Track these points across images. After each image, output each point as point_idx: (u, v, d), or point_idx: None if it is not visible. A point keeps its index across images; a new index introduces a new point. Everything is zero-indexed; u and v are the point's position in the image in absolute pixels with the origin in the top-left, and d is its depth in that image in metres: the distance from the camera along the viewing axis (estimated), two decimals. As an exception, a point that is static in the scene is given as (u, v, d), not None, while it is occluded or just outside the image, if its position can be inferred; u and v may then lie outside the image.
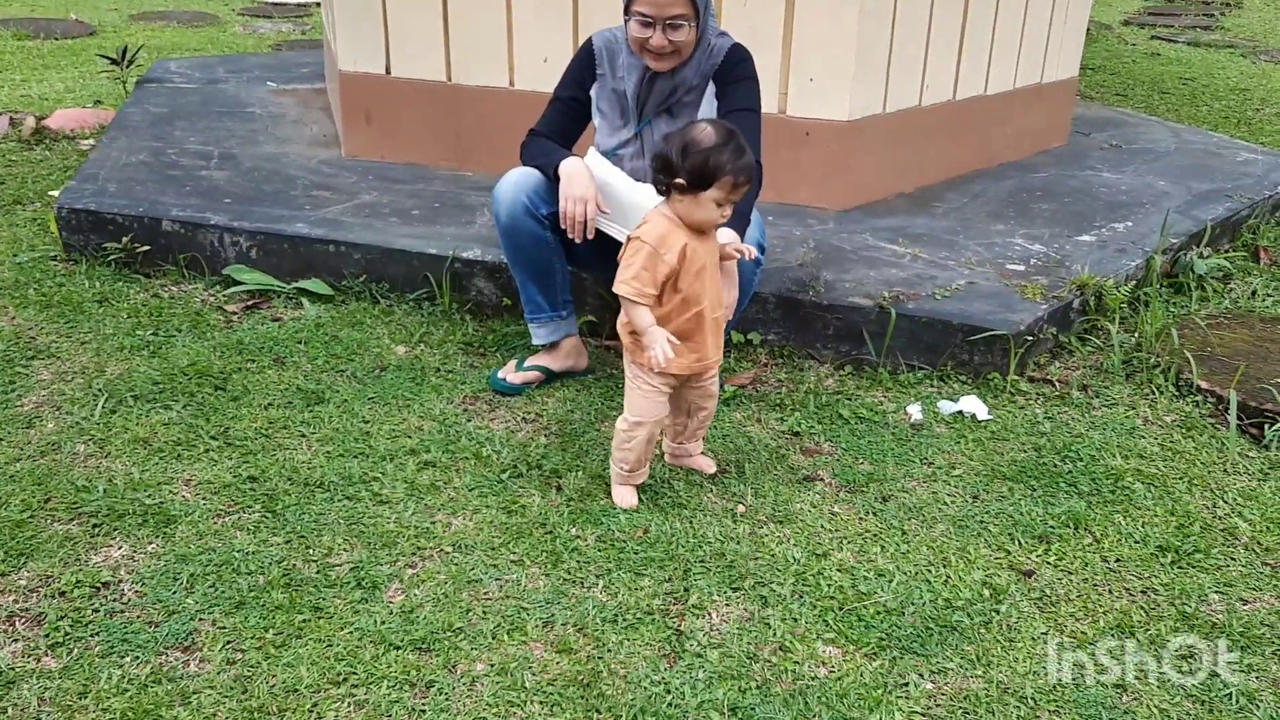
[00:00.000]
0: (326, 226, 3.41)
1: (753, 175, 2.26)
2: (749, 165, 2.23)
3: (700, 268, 2.30)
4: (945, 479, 2.62)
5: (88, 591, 2.05)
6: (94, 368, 2.85)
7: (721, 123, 2.26)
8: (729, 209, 2.26)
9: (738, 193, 2.25)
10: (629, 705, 1.89)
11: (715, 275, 2.35)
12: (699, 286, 2.30)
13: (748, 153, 2.23)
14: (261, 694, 1.85)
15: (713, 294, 2.34)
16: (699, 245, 2.30)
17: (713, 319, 2.35)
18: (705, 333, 2.35)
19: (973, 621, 2.14)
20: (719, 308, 2.38)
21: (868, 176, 3.97)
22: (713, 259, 2.34)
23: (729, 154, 2.20)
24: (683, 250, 2.26)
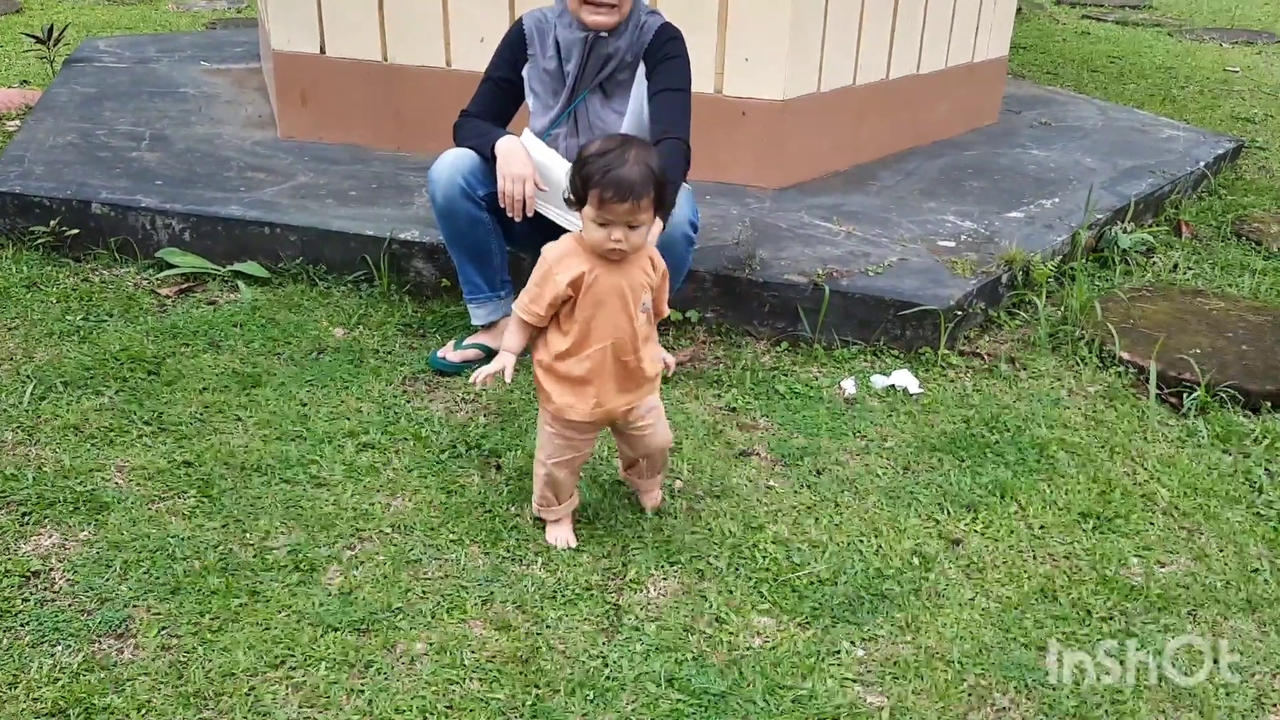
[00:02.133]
0: (262, 208, 3.37)
1: (631, 190, 1.94)
2: (624, 180, 1.94)
3: (601, 300, 2.05)
4: (878, 451, 2.68)
5: (17, 581, 2.03)
6: (22, 354, 2.80)
7: (620, 135, 2.08)
8: (619, 233, 1.98)
9: (612, 210, 1.96)
10: (567, 680, 1.92)
11: (627, 312, 2.08)
12: (599, 322, 2.06)
13: (632, 166, 1.95)
14: (197, 679, 1.85)
15: (622, 333, 2.08)
16: (605, 274, 2.05)
17: (620, 361, 2.11)
18: (607, 376, 2.10)
19: (903, 589, 2.20)
20: (633, 351, 2.11)
21: (803, 155, 4.01)
22: (627, 293, 2.07)
23: (601, 164, 1.96)
24: (579, 276, 2.03)
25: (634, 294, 2.08)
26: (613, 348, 2.08)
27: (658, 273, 2.17)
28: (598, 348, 2.07)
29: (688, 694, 1.90)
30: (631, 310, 2.08)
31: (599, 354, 2.08)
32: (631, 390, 2.16)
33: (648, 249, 2.13)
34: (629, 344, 2.10)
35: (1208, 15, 10.22)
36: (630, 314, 2.08)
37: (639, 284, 2.10)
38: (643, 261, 2.13)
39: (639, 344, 2.12)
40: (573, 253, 2.07)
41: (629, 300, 2.07)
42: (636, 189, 1.96)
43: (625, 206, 1.96)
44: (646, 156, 1.99)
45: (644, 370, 2.16)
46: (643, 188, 1.96)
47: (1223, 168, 4.91)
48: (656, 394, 2.25)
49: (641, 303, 2.11)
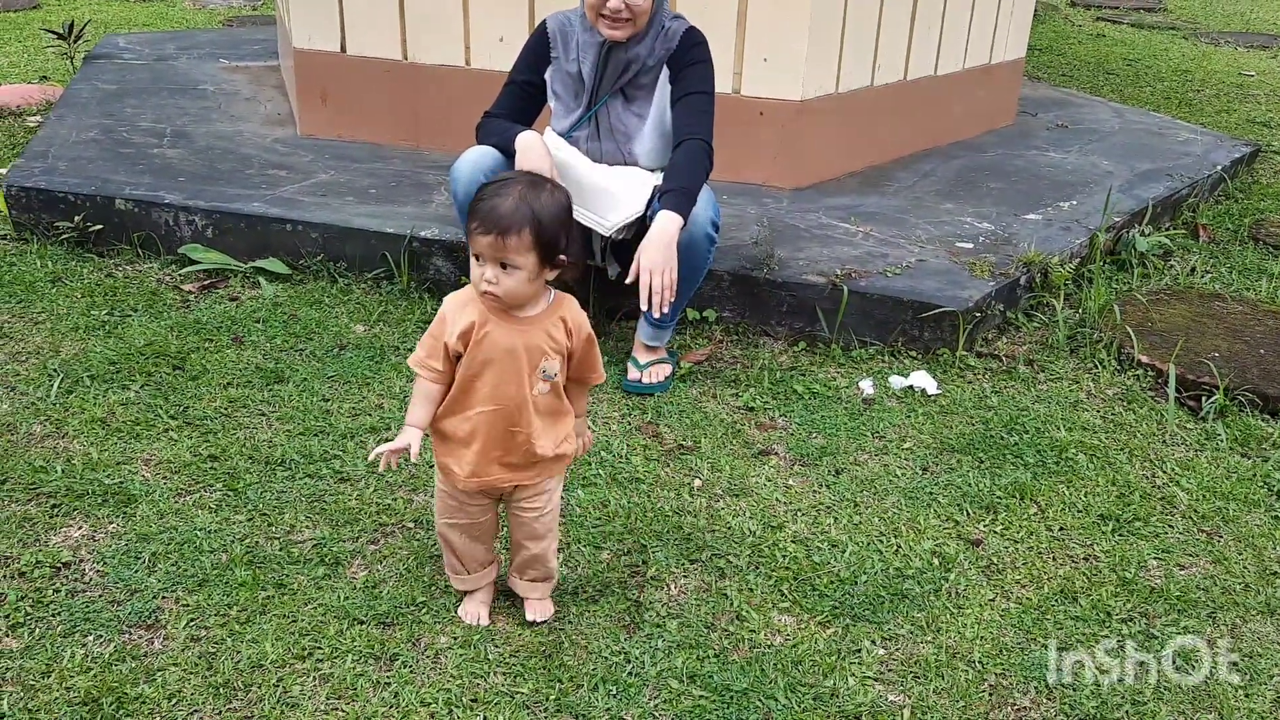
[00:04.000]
0: (283, 206, 3.40)
1: (497, 223, 1.72)
2: (493, 211, 1.73)
3: (487, 359, 1.81)
4: (896, 452, 2.69)
5: (48, 572, 2.06)
6: (49, 348, 2.83)
7: (529, 174, 1.86)
8: (491, 271, 1.75)
9: (478, 243, 1.75)
10: (590, 675, 1.93)
11: (518, 378, 1.82)
12: (484, 383, 1.82)
13: (510, 200, 1.74)
14: (227, 669, 1.87)
15: (507, 400, 1.82)
16: (497, 330, 1.80)
17: (507, 431, 1.85)
18: (491, 445, 1.85)
19: (923, 589, 2.21)
20: (522, 424, 1.84)
21: (820, 155, 4.02)
22: (521, 355, 1.81)
23: (481, 194, 1.78)
24: (469, 328, 1.79)
25: (529, 357, 1.82)
26: (496, 415, 1.84)
27: (576, 338, 1.89)
28: (479, 411, 1.83)
29: (710, 690, 1.92)
30: (524, 376, 1.82)
31: (480, 418, 1.84)
32: (519, 468, 1.90)
33: (565, 308, 1.88)
34: (516, 414, 1.84)
35: (1222, 19, 10.19)
36: (522, 380, 1.82)
37: (538, 347, 1.83)
38: (549, 322, 1.85)
39: (530, 417, 1.85)
40: (470, 302, 1.82)
41: (522, 364, 1.81)
42: (504, 223, 1.72)
43: (489, 240, 1.73)
44: (533, 195, 1.75)
45: (538, 450, 1.88)
46: (512, 223, 1.72)
47: (1239, 172, 4.90)
48: (559, 478, 1.99)
49: (541, 369, 1.84)
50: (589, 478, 2.49)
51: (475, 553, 2.01)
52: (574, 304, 1.91)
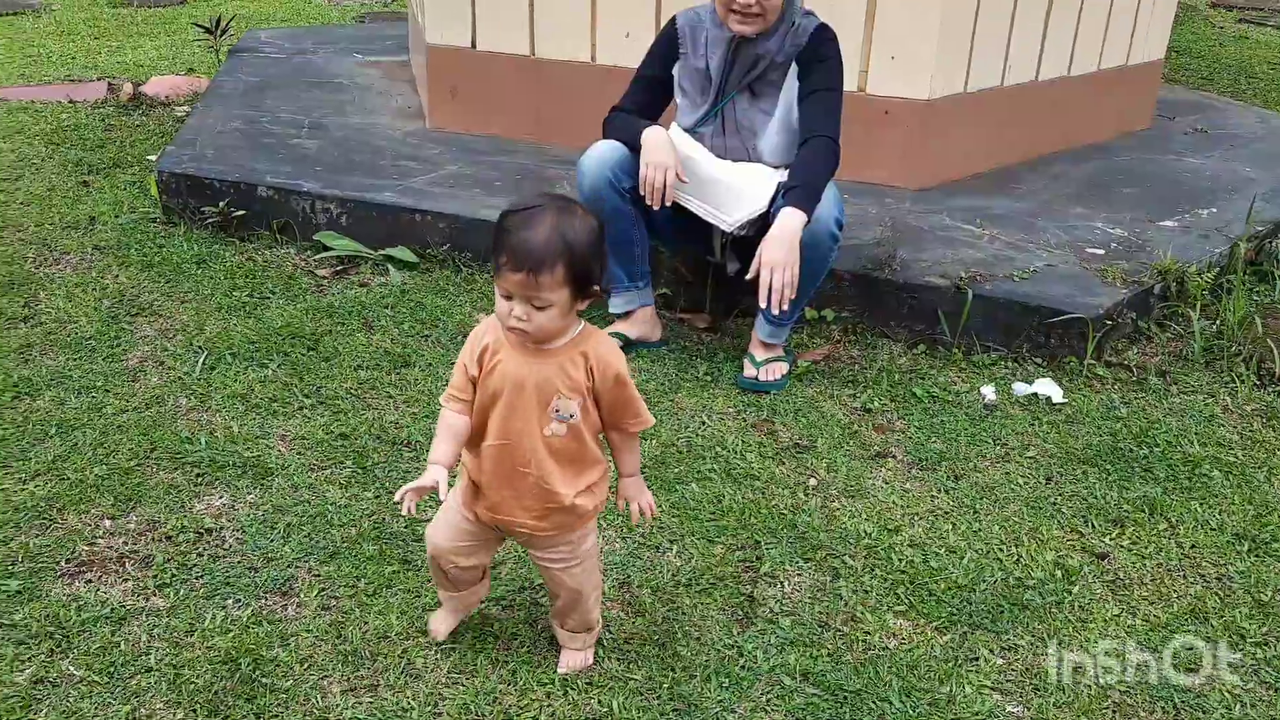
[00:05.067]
0: (413, 196, 3.50)
1: (528, 259, 1.56)
2: (524, 246, 1.56)
3: (496, 390, 1.67)
4: (1018, 460, 2.63)
5: (192, 537, 2.17)
6: (194, 326, 2.98)
7: (556, 196, 1.67)
8: (521, 309, 1.59)
9: (508, 280, 1.59)
10: (702, 666, 1.95)
11: (524, 414, 1.67)
12: (496, 414, 1.68)
13: (540, 230, 1.57)
14: (355, 639, 1.95)
15: (514, 436, 1.68)
16: (510, 360, 1.66)
17: (514, 469, 1.70)
18: (500, 483, 1.72)
19: (1044, 601, 2.16)
20: (531, 464, 1.69)
21: (946, 156, 3.95)
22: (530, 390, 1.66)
23: (508, 224, 1.60)
24: (484, 350, 1.68)
25: (541, 394, 1.66)
26: (504, 450, 1.69)
27: (599, 378, 1.69)
28: (489, 444, 1.70)
29: (823, 689, 1.91)
30: (532, 412, 1.66)
31: (490, 451, 1.71)
32: (536, 512, 1.74)
33: (590, 344, 1.70)
34: (524, 453, 1.68)
35: (1381, 19, 9.61)
36: (529, 416, 1.66)
37: (552, 382, 1.66)
38: (566, 357, 1.67)
39: (542, 458, 1.69)
40: (494, 325, 1.69)
41: (530, 399, 1.66)
42: (535, 258, 1.56)
43: (519, 278, 1.57)
44: (566, 222, 1.59)
45: (556, 494, 1.71)
46: (545, 258, 1.56)
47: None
48: (584, 531, 1.81)
49: (554, 408, 1.67)
50: (704, 472, 2.50)
51: (459, 578, 1.88)
52: (602, 341, 1.71)
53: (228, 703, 1.79)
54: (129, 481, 2.31)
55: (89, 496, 2.25)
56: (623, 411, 1.75)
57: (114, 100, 5.15)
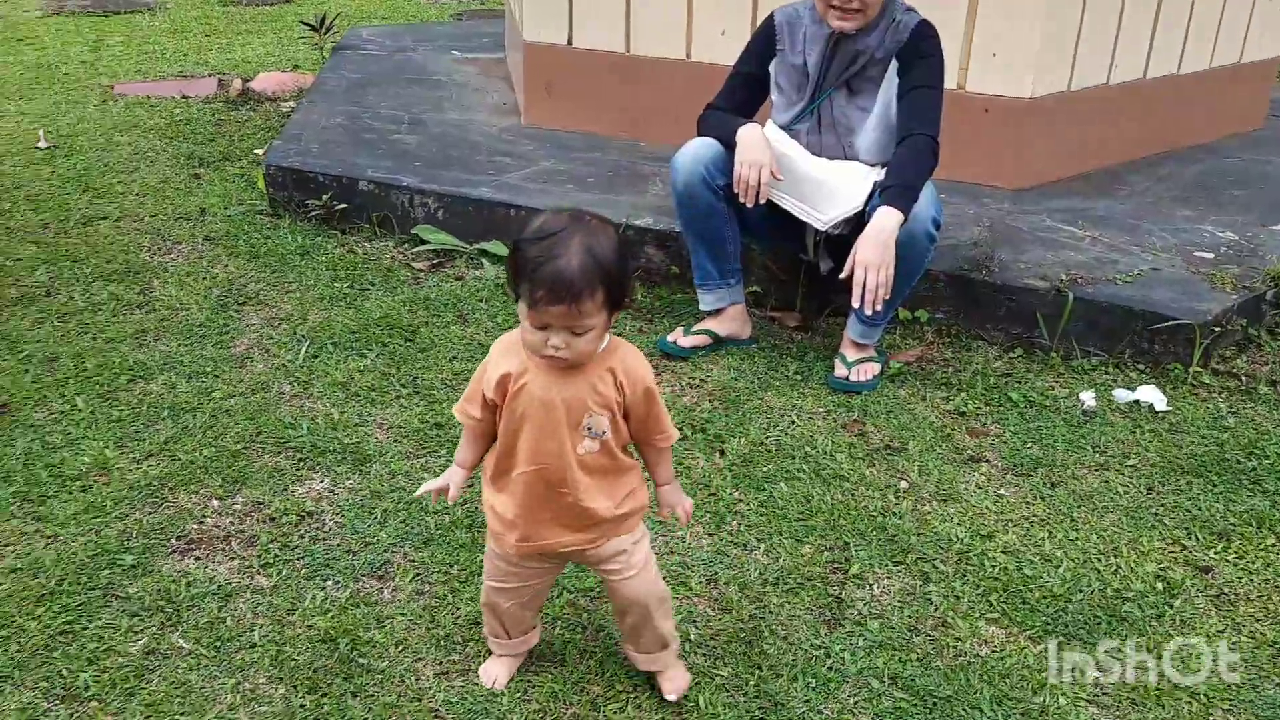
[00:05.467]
0: (508, 191, 3.56)
1: (569, 289, 1.48)
2: (560, 277, 1.48)
3: (524, 414, 1.60)
4: (1118, 468, 2.57)
5: (294, 519, 2.25)
6: (297, 315, 3.08)
7: (577, 212, 1.56)
8: (559, 338, 1.52)
9: (546, 313, 1.51)
10: (789, 665, 1.95)
11: (558, 435, 1.61)
12: (523, 440, 1.62)
13: (572, 256, 1.49)
14: (447, 623, 1.99)
15: (548, 458, 1.62)
16: (537, 381, 1.59)
17: (556, 492, 1.64)
18: (536, 507, 1.66)
19: (1144, 614, 2.11)
20: (567, 484, 1.63)
21: (1047, 156, 3.86)
22: (560, 410, 1.60)
23: (535, 252, 1.50)
24: (505, 378, 1.60)
25: (571, 413, 1.60)
26: (538, 475, 1.64)
27: (629, 392, 1.63)
28: (520, 471, 1.64)
29: (911, 693, 1.89)
30: (564, 432, 1.60)
31: (522, 479, 1.65)
32: (577, 529, 1.69)
33: (616, 358, 1.63)
34: (559, 474, 1.63)
35: None
36: (562, 437, 1.61)
37: (582, 400, 1.60)
38: (596, 374, 1.61)
39: (577, 477, 1.63)
40: (512, 349, 1.62)
41: (561, 419, 1.60)
42: (575, 287, 1.49)
43: (560, 310, 1.50)
44: (595, 242, 1.51)
45: (591, 510, 1.67)
46: (584, 285, 1.49)
47: None
48: (633, 535, 1.75)
49: (586, 425, 1.61)
50: (792, 471, 2.49)
51: (519, 619, 1.83)
52: (629, 353, 1.65)
53: (326, 680, 1.85)
54: (235, 464, 2.40)
55: (198, 477, 2.35)
56: (653, 426, 1.70)
57: (224, 95, 5.34)
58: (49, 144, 4.47)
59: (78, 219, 3.69)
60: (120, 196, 3.92)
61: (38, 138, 4.53)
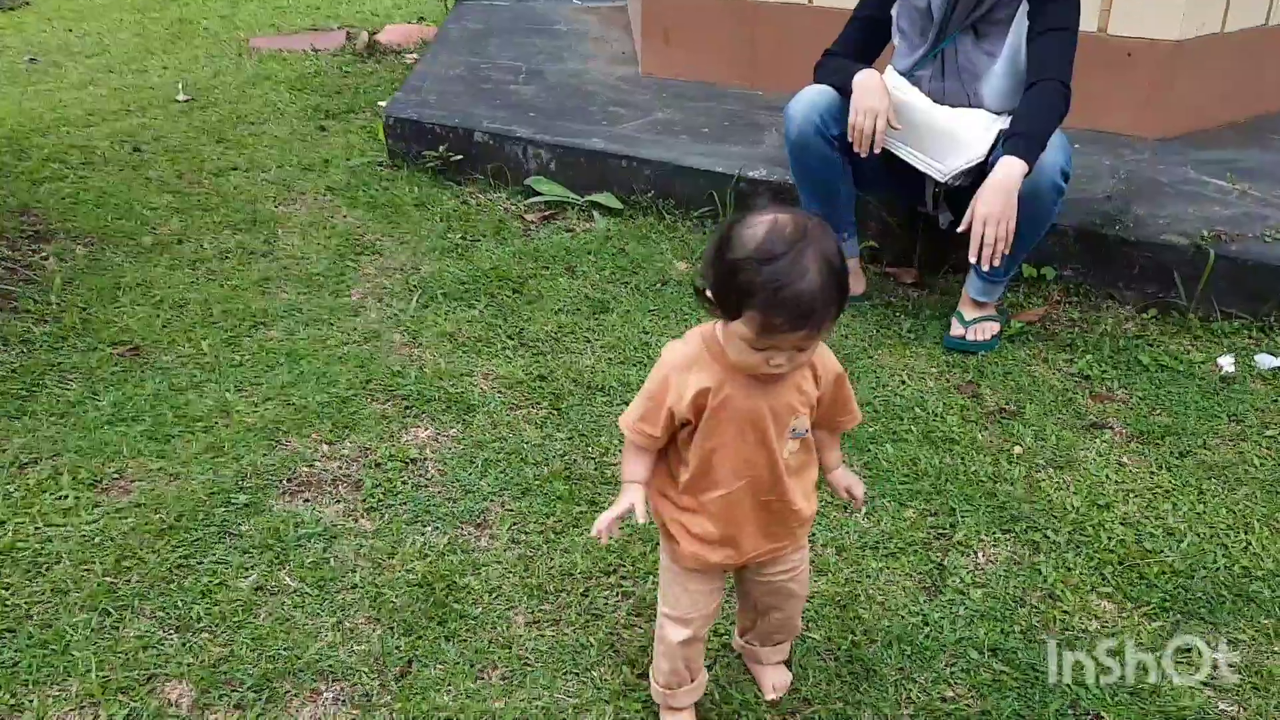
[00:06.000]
0: (621, 142, 3.53)
1: (813, 314, 1.34)
2: (803, 300, 1.33)
3: (729, 428, 1.48)
4: (1256, 439, 2.40)
5: (399, 465, 2.30)
6: (410, 266, 3.13)
7: (798, 217, 1.36)
8: (782, 358, 1.40)
9: (783, 340, 1.37)
10: (885, 631, 1.90)
11: (766, 445, 1.50)
12: (725, 456, 1.50)
13: (814, 275, 1.32)
14: (540, 574, 2.01)
15: (757, 469, 1.52)
16: (740, 393, 1.47)
17: (761, 502, 1.55)
18: (744, 521, 1.56)
19: (1274, 594, 1.97)
20: (775, 491, 1.54)
21: (1195, 103, 3.60)
22: (768, 420, 1.49)
23: (770, 274, 1.32)
24: (702, 394, 1.46)
25: (778, 420, 1.50)
26: (745, 489, 1.53)
27: (824, 384, 1.54)
28: (723, 492, 1.53)
29: (1011, 666, 1.82)
30: (773, 442, 1.50)
31: (727, 499, 1.54)
32: (780, 536, 1.61)
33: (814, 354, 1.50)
34: (768, 483, 1.54)
35: None
36: (771, 446, 1.51)
37: (787, 405, 1.50)
38: (800, 373, 1.51)
39: (785, 480, 1.54)
40: (697, 356, 1.48)
41: (768, 428, 1.49)
42: (820, 313, 1.35)
43: (801, 335, 1.37)
44: (828, 251, 1.35)
45: (797, 511, 1.58)
46: (828, 306, 1.35)
47: None
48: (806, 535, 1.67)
49: (791, 428, 1.52)
50: (900, 433, 2.42)
51: (700, 652, 1.69)
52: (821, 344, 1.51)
53: (421, 624, 1.89)
54: (345, 410, 2.46)
55: (310, 422, 2.42)
56: (841, 409, 1.59)
57: (351, 48, 5.45)
58: (187, 97, 4.66)
59: (210, 170, 3.84)
60: (250, 148, 4.06)
61: (177, 91, 4.72)
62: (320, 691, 1.78)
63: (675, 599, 1.62)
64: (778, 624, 1.74)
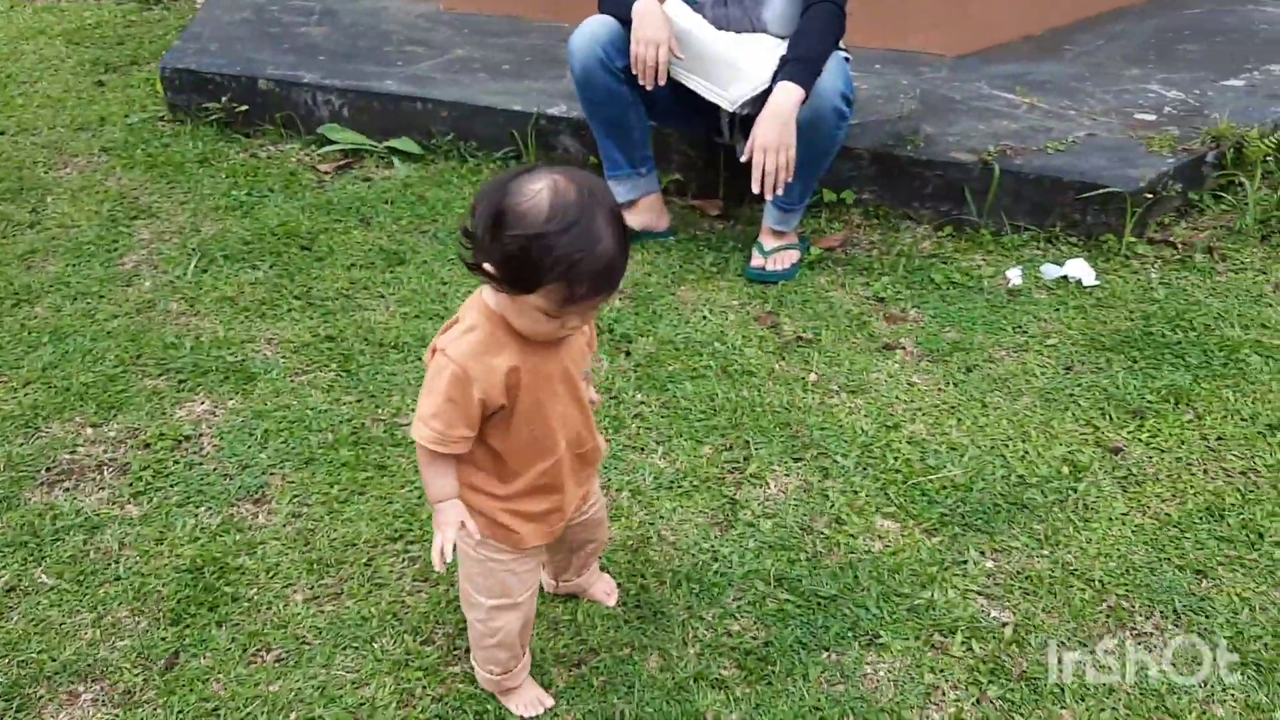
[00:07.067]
0: (415, 84, 3.38)
1: (616, 277, 1.32)
2: (610, 267, 1.30)
3: (554, 390, 1.45)
4: (1038, 349, 2.47)
5: (170, 444, 2.16)
6: (189, 228, 2.94)
7: (575, 178, 1.30)
8: (578, 319, 1.37)
9: (584, 306, 1.34)
10: (674, 572, 1.89)
11: (575, 395, 1.48)
12: (550, 423, 1.46)
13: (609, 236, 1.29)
14: (322, 547, 1.93)
15: (573, 423, 1.50)
16: (545, 358, 1.42)
17: (576, 457, 1.53)
18: (565, 479, 1.53)
19: (1046, 500, 2.04)
20: (589, 437, 1.54)
21: (991, 17, 3.65)
22: (571, 371, 1.47)
23: (566, 244, 1.27)
24: (513, 372, 1.39)
25: (577, 366, 1.48)
26: (568, 449, 1.51)
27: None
28: (550, 462, 1.49)
29: (796, 595, 1.84)
30: (579, 389, 1.49)
31: (554, 466, 1.50)
32: (588, 478, 1.61)
33: None
34: (584, 432, 1.52)
35: None
36: (580, 397, 1.50)
37: (580, 352, 1.49)
38: None
39: (592, 424, 1.54)
40: (489, 341, 1.39)
41: (575, 378, 1.48)
42: (618, 271, 1.32)
43: (601, 299, 1.35)
44: (612, 203, 1.33)
45: (598, 449, 1.58)
46: (624, 263, 1.33)
47: None
48: None
49: (586, 373, 1.52)
50: (699, 369, 2.40)
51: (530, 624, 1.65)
52: None
53: (190, 611, 1.79)
54: (112, 388, 2.31)
55: (73, 404, 2.26)
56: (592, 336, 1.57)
57: (137, -6, 5.06)
58: (-52, 56, 4.26)
59: (-30, 135, 3.53)
60: (19, 109, 3.74)
61: (-64, 50, 4.31)
62: (78, 694, 1.67)
63: (503, 587, 1.56)
64: (593, 550, 1.76)
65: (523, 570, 1.56)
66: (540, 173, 1.31)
